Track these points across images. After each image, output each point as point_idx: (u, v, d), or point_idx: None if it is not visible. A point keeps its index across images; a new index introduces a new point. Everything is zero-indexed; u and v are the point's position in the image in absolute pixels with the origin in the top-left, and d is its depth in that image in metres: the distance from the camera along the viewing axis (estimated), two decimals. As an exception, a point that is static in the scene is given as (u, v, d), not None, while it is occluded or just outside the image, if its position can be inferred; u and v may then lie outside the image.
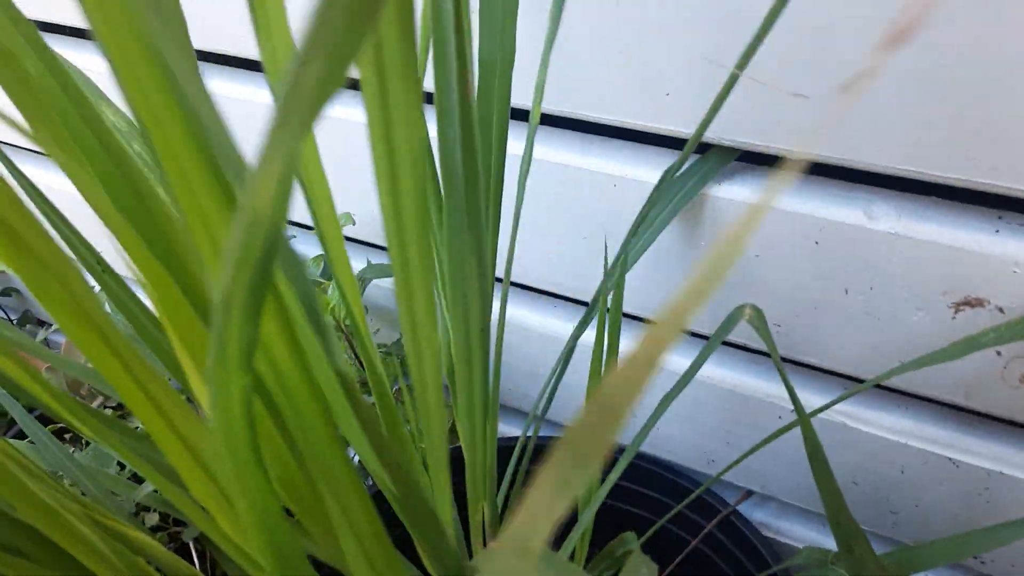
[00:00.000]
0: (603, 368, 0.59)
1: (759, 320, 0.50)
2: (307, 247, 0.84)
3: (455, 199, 0.39)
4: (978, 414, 0.59)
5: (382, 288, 0.82)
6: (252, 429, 0.29)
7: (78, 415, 0.37)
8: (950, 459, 0.61)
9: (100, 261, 0.40)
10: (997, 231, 0.50)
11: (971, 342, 0.50)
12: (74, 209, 0.39)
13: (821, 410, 0.53)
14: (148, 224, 0.33)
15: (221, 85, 0.75)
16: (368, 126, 0.30)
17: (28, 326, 1.28)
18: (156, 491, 0.72)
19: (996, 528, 0.50)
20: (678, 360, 0.69)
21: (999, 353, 0.54)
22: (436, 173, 0.51)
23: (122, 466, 0.77)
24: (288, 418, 0.35)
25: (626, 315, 0.70)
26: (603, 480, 0.63)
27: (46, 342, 1.17)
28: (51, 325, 1.28)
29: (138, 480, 0.73)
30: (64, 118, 0.32)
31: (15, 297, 1.27)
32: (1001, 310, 0.52)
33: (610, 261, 0.65)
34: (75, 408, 0.37)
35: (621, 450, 0.76)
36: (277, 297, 0.31)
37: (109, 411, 0.89)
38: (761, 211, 0.18)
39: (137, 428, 0.57)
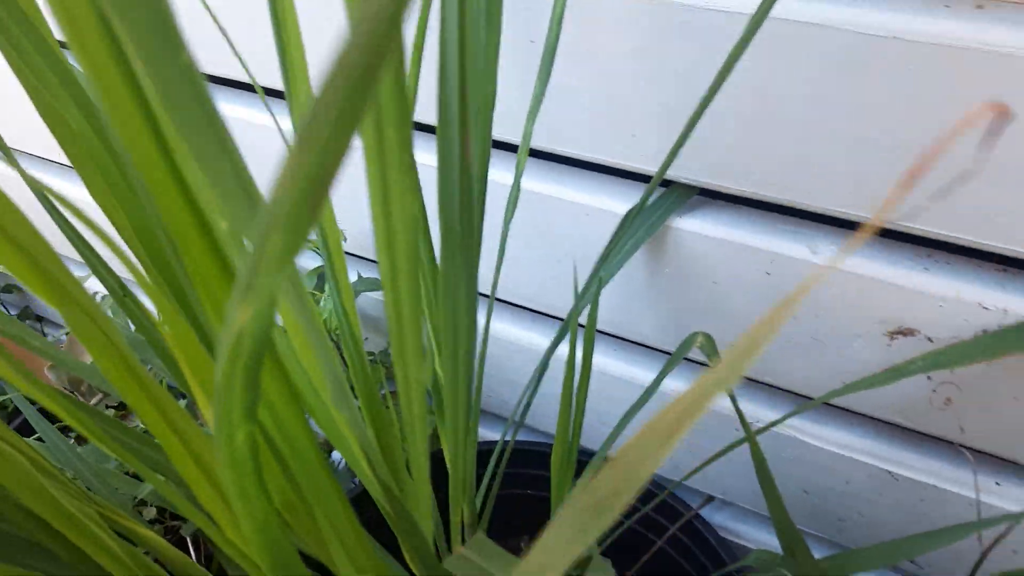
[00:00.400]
0: (576, 377, 0.64)
1: (710, 347, 0.55)
2: (304, 260, 0.89)
3: (451, 226, 0.44)
4: (914, 432, 0.64)
5: (370, 299, 0.87)
6: (256, 463, 0.34)
7: (77, 417, 0.42)
8: (890, 472, 0.66)
9: (123, 287, 0.45)
10: (927, 268, 0.56)
11: (899, 370, 0.56)
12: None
13: (770, 426, 0.59)
14: (168, 271, 0.38)
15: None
16: (366, 164, 0.34)
17: (27, 321, 1.33)
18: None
19: (925, 535, 0.56)
20: (633, 370, 0.74)
21: (929, 378, 0.59)
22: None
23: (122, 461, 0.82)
24: (283, 449, 0.40)
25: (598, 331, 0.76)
26: (574, 484, 0.68)
27: (43, 335, 1.22)
28: (50, 321, 1.33)
29: (138, 476, 0.78)
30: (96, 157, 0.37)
31: (16, 293, 1.32)
32: (930, 339, 0.57)
33: (580, 283, 0.70)
34: (73, 411, 0.42)
35: (591, 455, 0.82)
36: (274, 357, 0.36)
37: (111, 411, 0.94)
38: (824, 274, 0.23)
39: (137, 427, 0.61)
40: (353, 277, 0.84)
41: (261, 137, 0.77)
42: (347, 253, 0.85)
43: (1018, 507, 0.63)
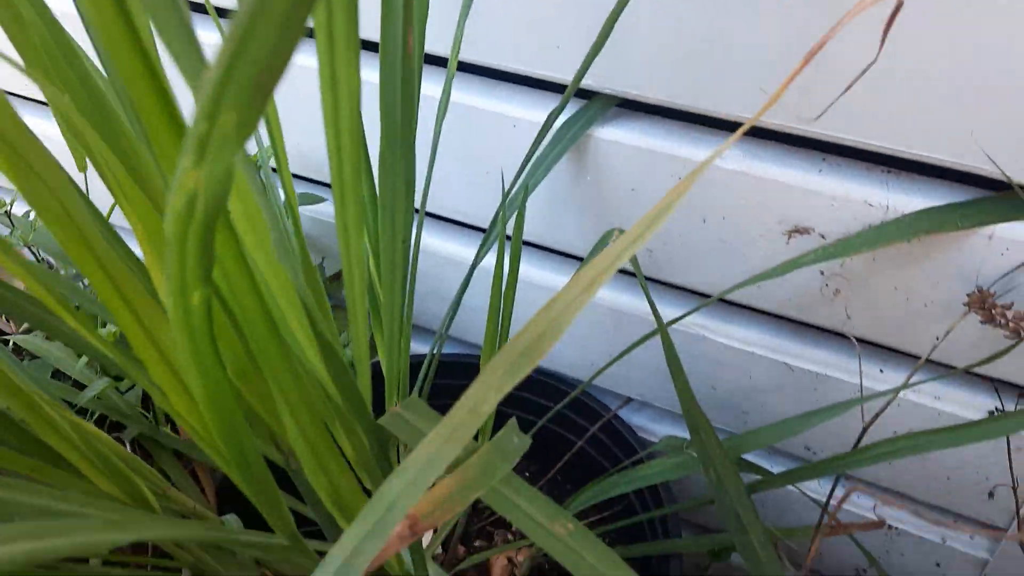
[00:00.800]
0: (503, 286, 0.68)
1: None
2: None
3: (392, 133, 0.47)
4: (808, 325, 0.71)
5: (305, 217, 0.90)
6: (210, 326, 0.37)
7: (44, 285, 0.44)
8: (787, 364, 0.73)
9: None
10: (820, 171, 0.62)
11: (794, 263, 0.62)
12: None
13: (678, 319, 0.64)
14: (116, 142, 0.41)
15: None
16: (320, 72, 0.38)
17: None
18: (98, 397, 0.79)
19: (813, 412, 0.62)
20: (558, 279, 0.79)
21: (822, 272, 0.65)
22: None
23: (61, 377, 0.84)
24: (239, 318, 0.44)
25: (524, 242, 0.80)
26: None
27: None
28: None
29: (80, 387, 0.80)
30: (50, 54, 0.39)
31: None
32: (823, 236, 0.63)
33: (508, 194, 0.74)
34: (39, 280, 0.44)
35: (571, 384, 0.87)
36: (228, 226, 0.39)
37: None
38: (697, 173, 0.27)
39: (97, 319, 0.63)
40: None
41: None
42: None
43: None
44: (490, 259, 0.77)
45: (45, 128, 0.94)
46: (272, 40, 0.23)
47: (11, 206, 0.82)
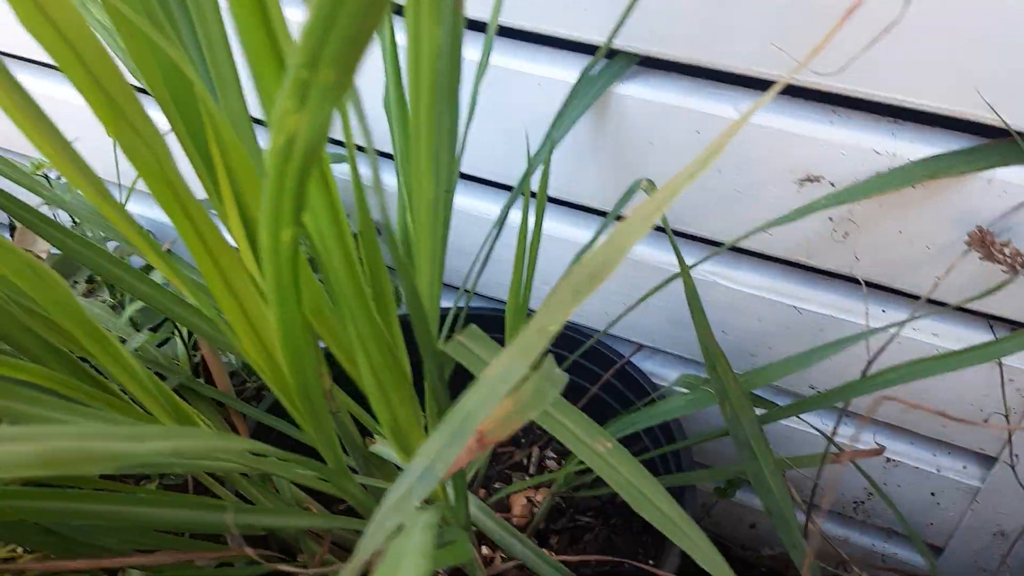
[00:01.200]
0: (529, 238, 0.72)
1: (653, 190, 0.65)
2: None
3: (444, 90, 0.51)
4: (816, 270, 0.76)
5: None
6: (296, 263, 0.42)
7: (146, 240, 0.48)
8: (795, 307, 0.78)
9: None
10: (831, 122, 0.66)
11: (807, 208, 0.66)
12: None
13: (695, 265, 0.69)
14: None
15: None
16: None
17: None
18: (137, 351, 0.83)
19: (821, 347, 0.67)
20: (581, 233, 0.83)
21: (831, 219, 0.70)
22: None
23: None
24: (323, 260, 0.47)
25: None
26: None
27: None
28: None
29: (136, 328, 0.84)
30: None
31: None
32: (832, 184, 0.68)
33: (532, 151, 0.78)
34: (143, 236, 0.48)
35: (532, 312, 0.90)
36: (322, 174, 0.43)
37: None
38: (739, 127, 0.31)
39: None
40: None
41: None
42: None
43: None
44: (514, 214, 0.81)
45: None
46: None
47: (42, 169, 0.85)
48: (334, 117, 0.33)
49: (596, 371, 0.93)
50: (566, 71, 0.73)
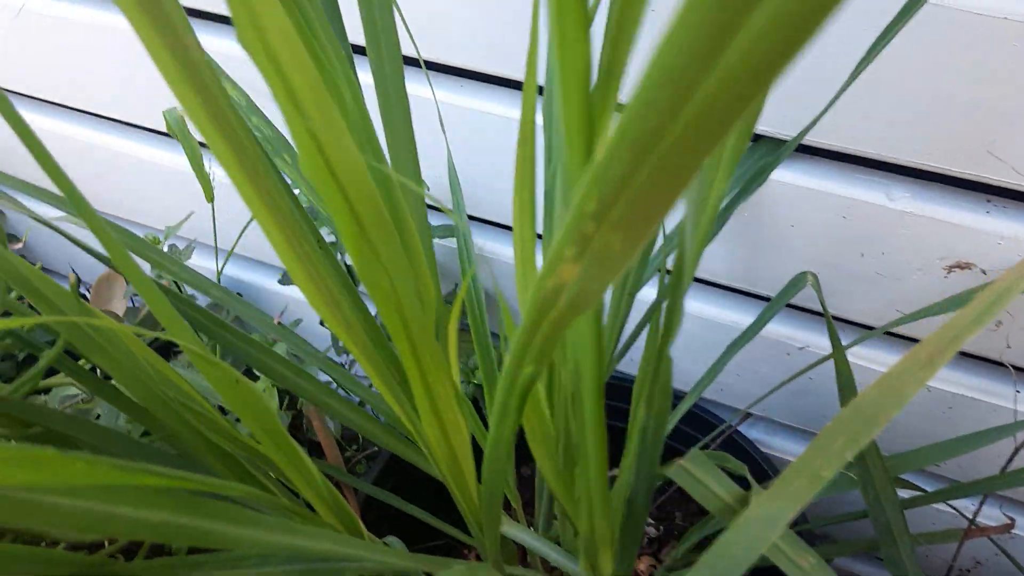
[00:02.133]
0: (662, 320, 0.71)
1: (818, 286, 0.64)
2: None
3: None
4: (961, 353, 0.75)
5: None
6: (523, 401, 0.41)
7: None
8: (927, 386, 0.77)
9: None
10: (987, 212, 0.66)
11: (959, 300, 0.66)
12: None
13: (848, 347, 0.68)
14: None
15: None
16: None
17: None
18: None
19: (966, 437, 0.67)
20: (703, 307, 0.83)
21: (978, 305, 0.70)
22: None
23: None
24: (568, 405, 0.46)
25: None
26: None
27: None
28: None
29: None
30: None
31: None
32: (984, 272, 0.68)
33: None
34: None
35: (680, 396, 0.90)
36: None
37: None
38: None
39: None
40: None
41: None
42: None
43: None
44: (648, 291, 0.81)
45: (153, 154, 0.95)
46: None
47: (165, 241, 0.84)
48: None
49: (693, 435, 0.92)
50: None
